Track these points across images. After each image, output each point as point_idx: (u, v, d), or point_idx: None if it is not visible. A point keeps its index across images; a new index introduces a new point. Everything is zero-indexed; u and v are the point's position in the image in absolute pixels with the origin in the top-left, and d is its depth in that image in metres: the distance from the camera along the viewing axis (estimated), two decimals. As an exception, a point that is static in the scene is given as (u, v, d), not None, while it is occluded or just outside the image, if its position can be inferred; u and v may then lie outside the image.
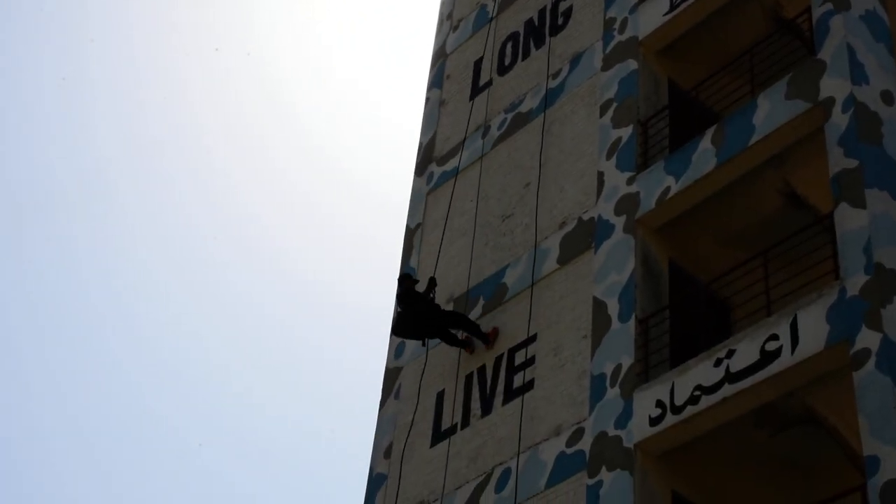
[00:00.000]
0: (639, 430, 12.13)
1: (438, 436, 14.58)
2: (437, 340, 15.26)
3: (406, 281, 15.22)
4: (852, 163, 11.83)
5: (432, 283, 15.28)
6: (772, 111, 12.89)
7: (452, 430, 14.43)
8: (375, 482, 15.05)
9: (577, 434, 12.76)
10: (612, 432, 12.38)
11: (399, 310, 15.16)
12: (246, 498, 38.45)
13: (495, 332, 14.74)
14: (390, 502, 14.59)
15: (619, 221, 13.87)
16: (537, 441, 13.20)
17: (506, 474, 13.30)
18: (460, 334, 15.07)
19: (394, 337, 16.28)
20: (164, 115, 39.82)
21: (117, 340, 38.75)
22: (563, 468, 12.69)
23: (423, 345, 15.44)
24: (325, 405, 41.46)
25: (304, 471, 40.26)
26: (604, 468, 12.22)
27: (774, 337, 11.33)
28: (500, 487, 13.30)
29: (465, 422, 14.34)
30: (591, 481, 12.27)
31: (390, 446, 15.18)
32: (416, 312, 14.90)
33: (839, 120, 12.18)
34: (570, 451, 12.74)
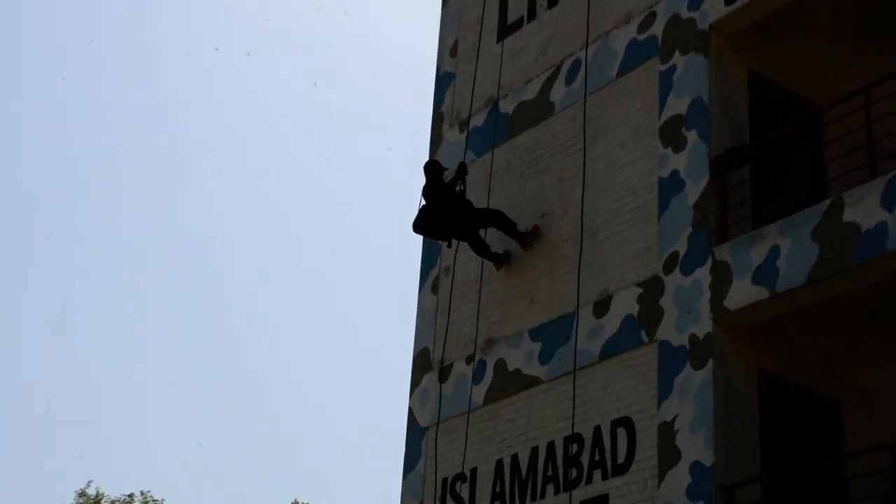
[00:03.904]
0: (714, 9, 11.60)
1: (504, 30, 14.17)
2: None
3: (431, 169, 12.80)
4: None
5: (462, 170, 12.95)
6: None
7: (519, 24, 13.99)
8: (443, 81, 14.83)
9: (649, 19, 12.27)
10: (685, 14, 11.87)
11: (423, 203, 12.75)
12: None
13: (534, 231, 12.63)
14: (459, 100, 14.41)
15: None
16: (607, 29, 12.74)
17: (575, 65, 12.96)
18: (486, 233, 12.70)
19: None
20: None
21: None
22: (635, 55, 12.30)
23: (449, 246, 13.18)
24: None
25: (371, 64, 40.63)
26: (677, 52, 11.81)
27: None
28: (569, 79, 13.00)
29: (532, 14, 13.87)
30: (663, 67, 11.90)
31: (455, 44, 14.83)
32: (443, 208, 12.63)
33: None
34: (641, 37, 12.30)
